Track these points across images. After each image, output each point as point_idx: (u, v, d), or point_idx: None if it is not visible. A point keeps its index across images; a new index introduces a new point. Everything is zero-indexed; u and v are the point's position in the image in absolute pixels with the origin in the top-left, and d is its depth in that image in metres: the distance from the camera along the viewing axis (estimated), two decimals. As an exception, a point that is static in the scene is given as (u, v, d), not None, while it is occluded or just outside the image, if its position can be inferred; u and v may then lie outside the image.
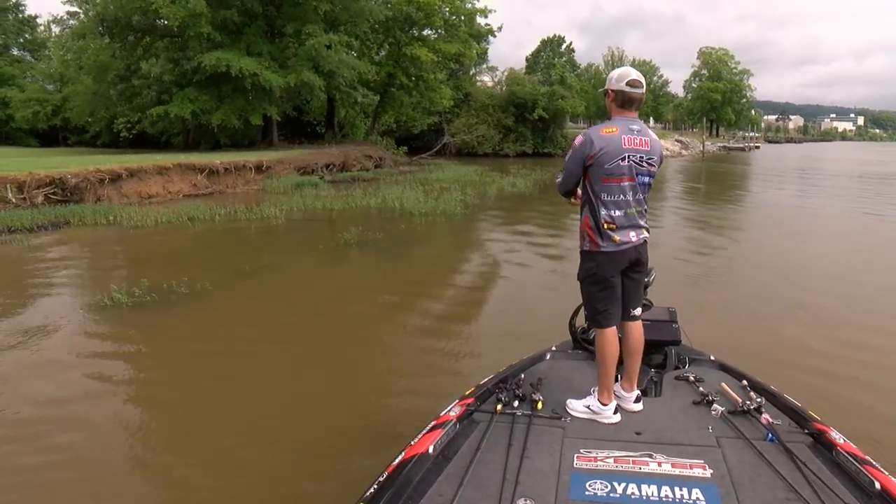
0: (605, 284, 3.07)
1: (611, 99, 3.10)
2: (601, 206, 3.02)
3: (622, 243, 3.03)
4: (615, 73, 3.13)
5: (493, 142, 44.89)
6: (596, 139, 2.97)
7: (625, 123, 3.04)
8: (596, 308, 3.11)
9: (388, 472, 2.49)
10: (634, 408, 3.11)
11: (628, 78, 3.05)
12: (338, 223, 13.85)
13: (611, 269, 3.06)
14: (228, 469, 3.96)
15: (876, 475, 2.35)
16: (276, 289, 8.70)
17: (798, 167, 45.50)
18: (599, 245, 3.04)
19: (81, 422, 4.54)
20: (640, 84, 3.06)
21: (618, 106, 3.09)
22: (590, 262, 3.10)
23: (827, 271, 9.69)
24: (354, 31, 32.02)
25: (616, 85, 3.06)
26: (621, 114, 3.09)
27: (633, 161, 2.99)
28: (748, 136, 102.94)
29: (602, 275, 3.06)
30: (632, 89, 3.05)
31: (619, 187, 3.00)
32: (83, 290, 8.52)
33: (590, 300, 3.15)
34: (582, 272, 3.16)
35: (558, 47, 76.65)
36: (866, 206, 19.36)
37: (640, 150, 3.01)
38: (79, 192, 15.87)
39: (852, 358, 5.75)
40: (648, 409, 3.06)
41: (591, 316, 3.18)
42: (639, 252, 3.12)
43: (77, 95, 36.06)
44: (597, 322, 3.12)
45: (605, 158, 2.95)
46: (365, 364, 5.86)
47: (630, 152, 2.98)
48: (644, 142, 3.03)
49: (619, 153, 2.96)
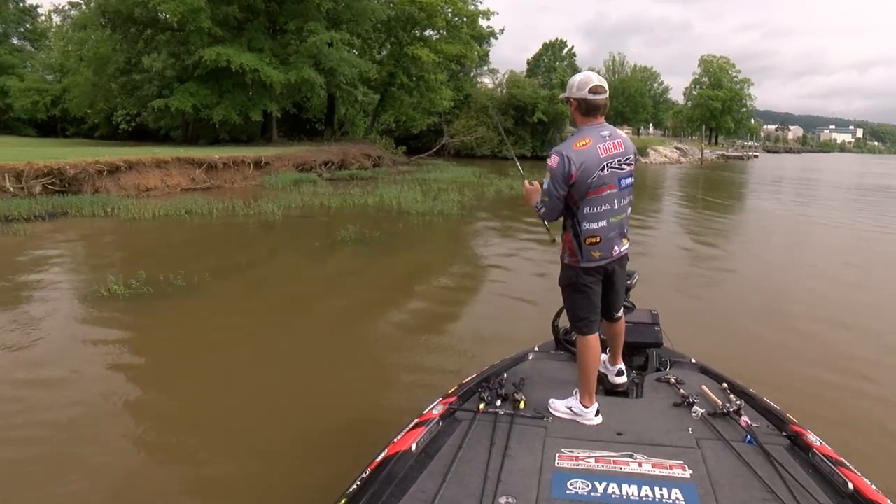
0: (586, 293, 3.09)
1: (574, 107, 3.02)
2: (583, 220, 2.97)
3: (602, 259, 3.03)
4: (576, 79, 3.03)
5: (492, 144, 44.94)
6: (573, 156, 2.88)
7: (595, 132, 2.97)
8: (577, 315, 3.13)
9: (371, 468, 2.51)
10: (617, 380, 3.33)
11: (590, 84, 2.95)
12: (335, 221, 13.87)
13: (590, 280, 3.07)
14: (217, 460, 3.99)
15: (849, 476, 2.41)
16: (272, 284, 8.74)
17: (795, 177, 45.62)
18: (578, 261, 3.04)
19: (74, 408, 4.58)
20: (602, 90, 2.96)
21: (582, 114, 3.00)
22: (569, 272, 3.11)
23: (814, 282, 9.73)
24: (356, 29, 32.03)
25: (578, 93, 2.97)
26: (588, 122, 3.00)
27: (612, 168, 2.95)
28: (747, 144, 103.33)
29: (581, 283, 3.07)
30: (595, 96, 2.95)
31: (602, 197, 2.95)
32: (80, 281, 8.54)
33: (571, 307, 3.18)
34: (562, 279, 3.17)
35: (560, 51, 76.66)
36: (860, 217, 19.45)
37: (617, 153, 2.97)
38: (77, 183, 15.89)
39: (833, 364, 5.83)
40: (629, 410, 3.09)
41: (572, 322, 3.21)
42: (619, 264, 3.15)
43: (77, 87, 35.96)
44: (578, 328, 3.14)
45: (586, 174, 2.89)
46: (353, 360, 5.90)
47: (607, 160, 2.93)
48: (618, 144, 2.98)
49: (598, 164, 2.91)
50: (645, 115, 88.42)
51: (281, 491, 3.60)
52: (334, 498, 2.41)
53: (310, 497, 3.50)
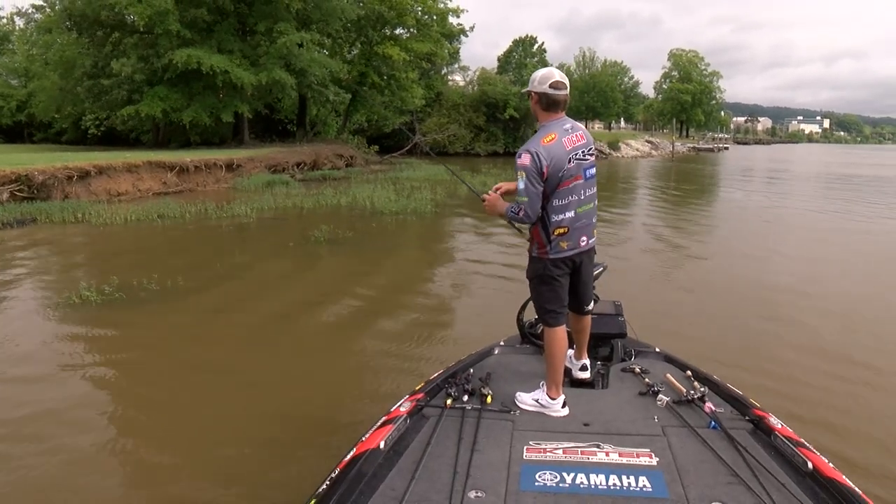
0: (553, 285, 3.13)
1: (535, 101, 3.09)
2: (552, 212, 3.04)
3: (570, 249, 3.09)
4: (538, 74, 3.10)
5: (464, 141, 45.07)
6: (542, 151, 2.95)
7: (558, 126, 3.05)
8: (544, 307, 3.18)
9: (340, 468, 2.52)
10: (580, 375, 3.38)
11: (552, 80, 3.03)
12: (308, 222, 13.91)
13: (557, 272, 3.12)
14: (189, 463, 4.04)
15: (809, 456, 2.51)
16: (246, 286, 8.79)
17: (766, 168, 46.45)
18: (547, 252, 3.10)
19: (45, 418, 4.59)
20: (563, 86, 3.05)
21: (543, 109, 3.08)
22: (537, 264, 3.16)
23: (781, 268, 10.01)
24: (326, 29, 31.95)
25: (539, 87, 3.04)
26: (549, 117, 3.08)
27: (577, 159, 3.05)
28: (717, 137, 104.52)
29: (549, 275, 3.12)
30: (555, 91, 3.03)
31: (569, 189, 3.03)
32: (50, 288, 8.49)
33: (538, 299, 3.22)
34: (530, 272, 3.22)
35: (530, 47, 77.10)
36: (826, 204, 19.90)
37: (580, 144, 3.07)
38: (46, 190, 15.72)
39: (795, 345, 6.09)
40: (596, 401, 3.14)
41: (540, 315, 3.26)
42: (586, 256, 3.21)
43: (43, 91, 35.29)
44: (545, 321, 3.19)
45: (556, 168, 2.97)
46: (323, 359, 5.98)
47: (573, 152, 3.03)
48: (580, 136, 3.08)
49: (565, 157, 3.00)
50: (616, 109, 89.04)
51: (253, 492, 3.65)
52: (304, 498, 2.44)
53: (280, 499, 3.55)
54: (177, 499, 3.66)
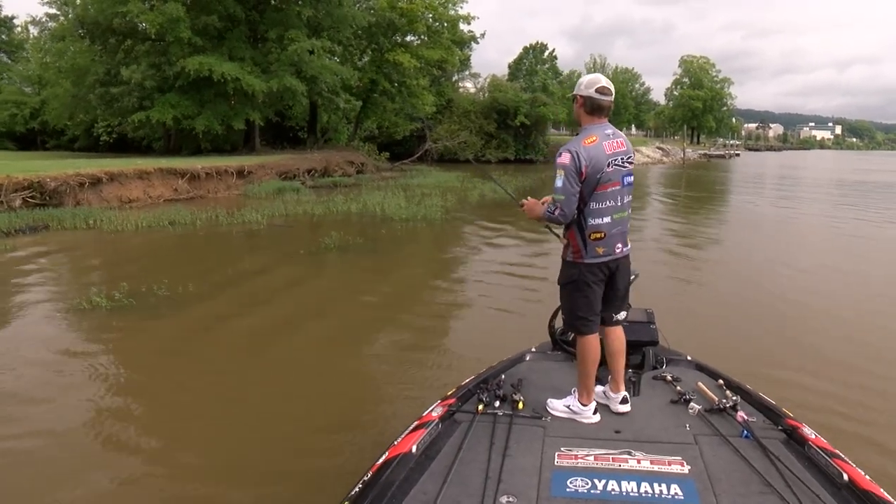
0: (586, 292, 3.10)
1: (579, 104, 3.12)
2: (589, 215, 3.03)
3: (606, 255, 3.07)
4: (585, 79, 3.15)
5: (475, 148, 45.04)
6: (582, 152, 2.97)
7: (600, 130, 3.07)
8: (575, 314, 3.14)
9: (373, 471, 2.51)
10: (621, 409, 3.12)
11: (598, 85, 3.07)
12: (319, 228, 13.88)
13: (592, 278, 3.09)
14: (208, 471, 3.99)
15: (844, 467, 2.45)
16: (257, 292, 8.73)
17: (779, 175, 46.18)
18: (583, 256, 3.07)
19: (54, 421, 4.58)
20: (609, 91, 3.08)
21: (587, 112, 3.10)
22: (571, 269, 3.13)
23: (799, 276, 9.90)
24: (337, 36, 32.00)
25: (585, 91, 3.08)
26: (592, 121, 3.10)
27: (616, 165, 3.05)
28: (729, 143, 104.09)
29: (583, 281, 3.09)
30: (601, 96, 3.06)
31: (607, 194, 3.03)
32: (61, 294, 8.48)
33: (569, 306, 3.18)
34: (563, 278, 3.19)
35: (541, 54, 77.10)
36: (840, 212, 19.70)
37: (620, 151, 3.07)
38: (58, 196, 15.77)
39: (823, 356, 5.96)
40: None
41: (569, 321, 3.22)
42: (621, 263, 3.16)
43: (56, 98, 35.56)
44: (575, 328, 3.16)
45: (595, 170, 2.97)
46: (343, 364, 5.92)
47: (612, 157, 3.03)
48: (620, 143, 3.09)
49: (605, 161, 3.00)
50: (627, 116, 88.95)
51: (282, 496, 3.64)
52: (337, 501, 2.43)
53: (313, 499, 3.55)
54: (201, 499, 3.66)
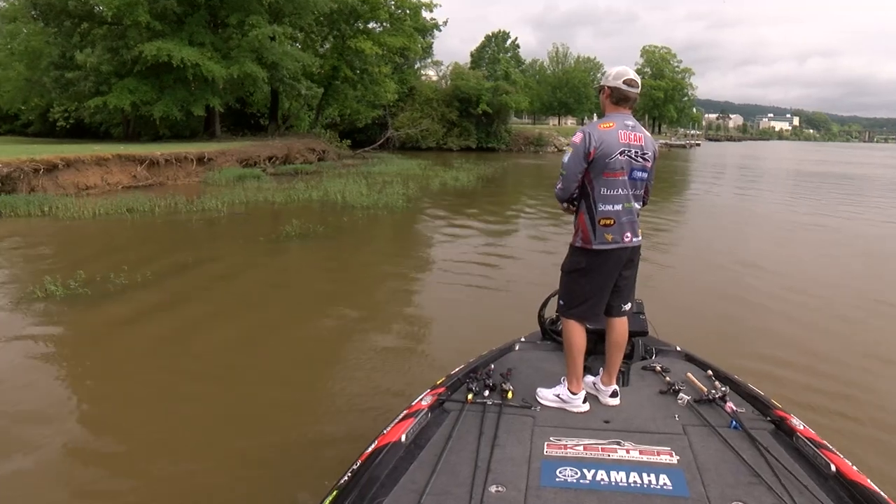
0: (590, 278, 3.13)
1: (606, 95, 3.17)
2: (599, 200, 3.07)
3: (614, 243, 3.09)
4: (613, 70, 3.21)
5: (437, 136, 45.12)
6: (595, 134, 3.03)
7: (620, 119, 3.12)
8: (573, 298, 3.18)
9: (362, 460, 2.54)
10: (610, 402, 3.15)
11: (626, 77, 3.13)
12: (280, 216, 13.91)
13: (598, 267, 3.11)
14: (172, 465, 3.97)
15: (832, 458, 2.51)
16: (217, 280, 8.78)
17: (737, 164, 47.19)
18: (591, 242, 3.09)
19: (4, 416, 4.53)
20: (636, 84, 3.15)
21: (613, 102, 3.16)
22: (578, 256, 3.16)
23: (769, 262, 10.26)
24: (299, 22, 31.70)
25: (613, 82, 3.14)
26: (616, 110, 3.16)
27: (628, 156, 3.08)
28: (689, 133, 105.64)
29: (589, 268, 3.13)
30: (628, 88, 3.12)
31: (617, 181, 3.07)
32: (13, 282, 8.39)
33: (570, 292, 3.21)
34: (568, 264, 3.23)
35: (503, 42, 77.20)
36: (796, 200, 20.36)
37: (635, 145, 3.10)
38: (11, 183, 15.43)
39: (785, 339, 6.28)
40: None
41: (566, 305, 3.23)
42: (631, 253, 3.19)
43: (8, 81, 34.58)
44: (572, 314, 3.18)
45: (604, 153, 3.02)
46: (304, 357, 5.98)
47: (626, 147, 3.07)
48: (638, 137, 3.12)
49: (617, 147, 3.04)
50: (589, 105, 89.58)
51: (265, 488, 3.64)
52: (325, 490, 2.48)
53: (303, 486, 3.58)
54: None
